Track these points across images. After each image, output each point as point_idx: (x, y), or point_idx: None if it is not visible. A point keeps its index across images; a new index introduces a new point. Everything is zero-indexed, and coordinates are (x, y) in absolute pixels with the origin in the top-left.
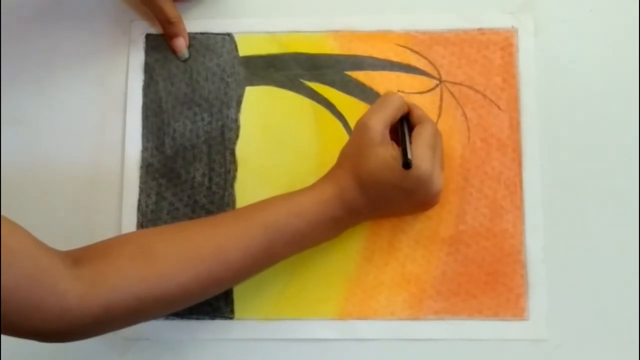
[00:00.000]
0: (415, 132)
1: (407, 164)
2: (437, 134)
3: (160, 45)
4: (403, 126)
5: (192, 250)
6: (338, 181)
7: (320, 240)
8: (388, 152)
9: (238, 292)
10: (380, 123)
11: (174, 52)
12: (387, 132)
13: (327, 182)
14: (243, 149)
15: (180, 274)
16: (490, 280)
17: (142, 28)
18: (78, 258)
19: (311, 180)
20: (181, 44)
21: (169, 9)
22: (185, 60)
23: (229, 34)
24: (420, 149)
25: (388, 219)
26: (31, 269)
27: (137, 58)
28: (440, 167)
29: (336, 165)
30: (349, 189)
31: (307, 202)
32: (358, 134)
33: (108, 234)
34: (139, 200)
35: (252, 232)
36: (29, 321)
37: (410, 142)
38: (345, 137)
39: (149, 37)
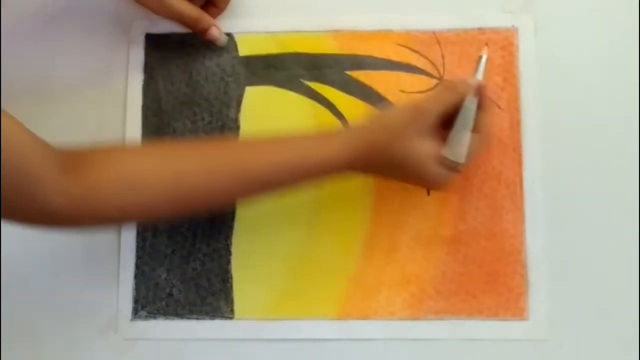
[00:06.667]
0: (471, 138)
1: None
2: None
3: (160, 45)
4: (464, 119)
5: (181, 187)
6: (356, 145)
7: (318, 182)
8: (425, 146)
9: (238, 292)
10: (434, 113)
11: (211, 42)
12: (436, 123)
13: (344, 139)
14: None
15: (163, 206)
16: (490, 280)
17: (142, 28)
18: (70, 165)
19: None
20: (215, 33)
21: (189, 9)
22: (225, 46)
23: (229, 34)
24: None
25: (388, 218)
26: (22, 168)
27: (137, 58)
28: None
29: (364, 126)
30: (362, 156)
31: (315, 155)
32: (408, 113)
33: (108, 234)
34: None
35: (255, 173)
36: (16, 214)
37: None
38: None
39: (149, 37)
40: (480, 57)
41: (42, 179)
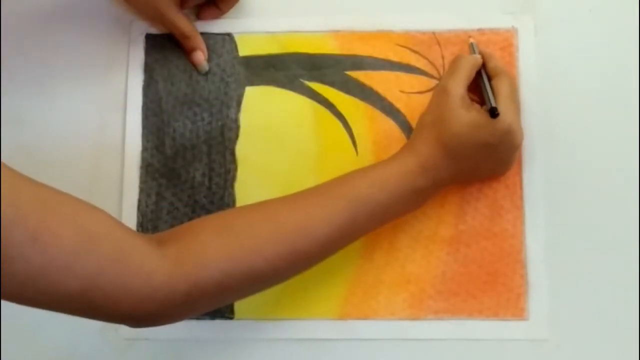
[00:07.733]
0: (493, 86)
1: (493, 112)
2: (513, 85)
3: (160, 45)
4: (483, 78)
5: (275, 225)
6: (419, 151)
7: (402, 212)
8: (471, 112)
9: None
10: (458, 86)
11: (193, 65)
12: (465, 93)
13: (407, 152)
14: (243, 149)
15: (265, 248)
16: (490, 280)
17: (142, 28)
18: (162, 239)
19: (311, 180)
20: (200, 57)
21: (183, 23)
22: (206, 74)
23: (229, 34)
24: (501, 103)
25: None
26: (115, 252)
27: (137, 58)
28: (519, 117)
29: (415, 134)
30: (432, 157)
31: (388, 174)
32: (437, 100)
33: None
34: (139, 200)
35: (335, 206)
36: (118, 305)
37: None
38: (345, 137)
39: (149, 37)
40: (471, 44)
41: (137, 260)
